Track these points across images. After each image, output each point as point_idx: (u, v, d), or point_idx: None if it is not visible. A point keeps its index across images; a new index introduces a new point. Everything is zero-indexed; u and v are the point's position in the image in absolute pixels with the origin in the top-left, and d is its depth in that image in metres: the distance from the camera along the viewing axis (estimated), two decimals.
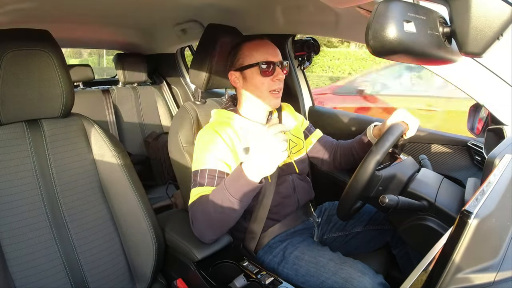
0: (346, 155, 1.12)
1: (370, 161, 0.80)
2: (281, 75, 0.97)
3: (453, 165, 1.15)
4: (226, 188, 0.79)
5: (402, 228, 0.87)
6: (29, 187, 0.83)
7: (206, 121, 1.09)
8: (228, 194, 0.79)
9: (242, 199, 0.79)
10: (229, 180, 0.81)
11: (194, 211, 0.88)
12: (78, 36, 1.92)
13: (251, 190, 0.79)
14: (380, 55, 0.49)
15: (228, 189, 0.79)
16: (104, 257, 0.90)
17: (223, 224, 0.86)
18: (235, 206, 0.80)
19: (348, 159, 1.12)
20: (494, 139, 0.93)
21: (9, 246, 0.79)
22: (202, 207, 0.85)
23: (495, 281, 0.45)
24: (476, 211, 0.43)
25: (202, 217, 0.86)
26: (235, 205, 0.80)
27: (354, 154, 1.09)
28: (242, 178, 0.78)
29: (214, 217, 0.83)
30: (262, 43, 0.99)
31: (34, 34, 0.83)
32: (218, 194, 0.82)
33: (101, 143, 0.93)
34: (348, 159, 1.12)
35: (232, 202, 0.79)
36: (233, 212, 0.82)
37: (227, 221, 0.85)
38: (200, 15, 1.49)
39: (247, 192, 0.79)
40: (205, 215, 0.85)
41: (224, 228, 0.88)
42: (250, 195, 0.80)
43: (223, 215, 0.82)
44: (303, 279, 0.91)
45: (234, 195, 0.79)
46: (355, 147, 1.09)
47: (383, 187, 0.86)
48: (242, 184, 0.78)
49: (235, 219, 0.86)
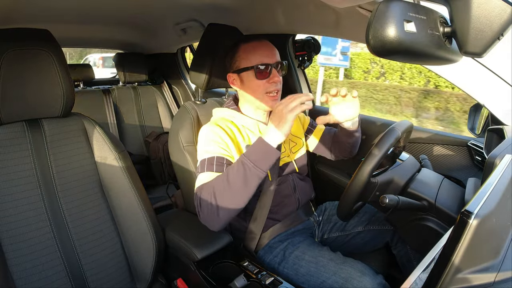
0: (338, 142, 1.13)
1: (365, 169, 0.80)
2: (276, 78, 0.96)
3: (454, 165, 1.15)
4: (246, 156, 0.81)
5: (402, 228, 0.88)
6: (29, 187, 0.83)
7: (206, 120, 1.09)
8: (247, 161, 0.80)
9: (261, 165, 0.81)
10: (249, 150, 0.83)
11: (202, 194, 0.84)
12: (79, 35, 1.92)
13: (268, 155, 0.82)
14: (380, 55, 0.49)
15: (249, 157, 0.81)
16: (104, 257, 0.90)
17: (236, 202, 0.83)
18: (254, 177, 0.81)
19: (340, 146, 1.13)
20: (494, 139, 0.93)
21: (9, 246, 0.79)
22: (213, 187, 0.83)
23: (495, 281, 0.45)
24: (477, 211, 0.43)
25: (215, 196, 0.82)
26: (254, 176, 0.81)
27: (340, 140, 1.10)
28: (260, 143, 0.81)
29: (229, 195, 0.81)
30: (259, 44, 0.98)
31: (35, 34, 0.83)
32: (235, 169, 0.82)
33: (101, 142, 0.93)
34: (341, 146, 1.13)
35: (252, 171, 0.80)
36: (250, 182, 0.81)
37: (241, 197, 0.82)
38: (201, 14, 1.49)
39: (267, 157, 0.81)
40: (218, 194, 0.81)
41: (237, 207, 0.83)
42: (269, 161, 0.82)
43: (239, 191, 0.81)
44: (303, 279, 0.91)
45: (256, 162, 0.80)
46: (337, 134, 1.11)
47: (380, 192, 0.86)
48: (260, 147, 0.81)
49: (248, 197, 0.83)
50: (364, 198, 0.87)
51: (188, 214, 1.13)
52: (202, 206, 0.84)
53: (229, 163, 0.90)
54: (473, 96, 0.98)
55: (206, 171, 0.89)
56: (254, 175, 0.80)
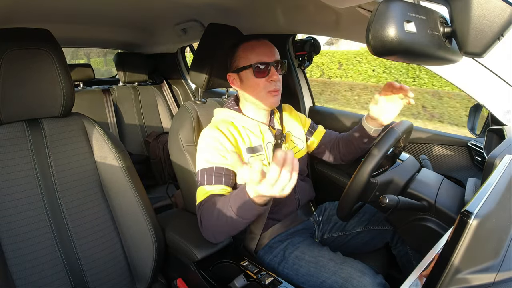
0: (347, 146, 1.12)
1: (364, 169, 0.80)
2: (275, 76, 0.96)
3: (454, 166, 1.15)
4: (232, 209, 0.77)
5: (402, 229, 0.87)
6: (29, 187, 0.83)
7: (206, 120, 1.09)
8: (234, 214, 0.77)
9: (248, 217, 0.78)
10: (234, 201, 0.77)
11: (203, 213, 0.87)
12: (79, 35, 1.92)
13: (257, 211, 0.76)
14: (380, 55, 0.49)
15: (234, 210, 0.77)
16: (104, 257, 0.90)
17: (231, 234, 0.87)
18: (242, 224, 0.80)
19: (350, 150, 1.12)
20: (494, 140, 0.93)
21: (9, 246, 0.79)
22: (211, 214, 0.84)
23: (495, 281, 0.45)
24: (476, 211, 0.43)
25: (211, 222, 0.84)
26: (242, 223, 0.80)
27: (354, 143, 1.09)
28: (247, 202, 0.74)
29: (222, 227, 0.83)
30: (258, 44, 0.98)
31: (35, 33, 0.83)
32: (225, 211, 0.80)
33: (101, 142, 0.93)
34: (350, 150, 1.12)
35: (239, 221, 0.78)
36: (240, 226, 0.82)
37: (235, 231, 0.85)
38: (201, 14, 1.49)
39: (253, 212, 0.77)
40: (214, 223, 0.84)
41: (232, 235, 0.87)
42: (256, 214, 0.78)
43: (230, 228, 0.83)
44: (303, 279, 0.91)
45: (241, 216, 0.77)
46: (354, 136, 1.09)
47: (380, 192, 0.86)
48: (247, 207, 0.75)
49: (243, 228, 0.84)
50: (364, 198, 0.87)
51: (188, 214, 1.13)
52: (203, 224, 0.87)
53: (228, 172, 0.91)
54: (473, 96, 0.98)
55: (205, 184, 0.90)
56: (241, 223, 0.79)
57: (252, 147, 0.98)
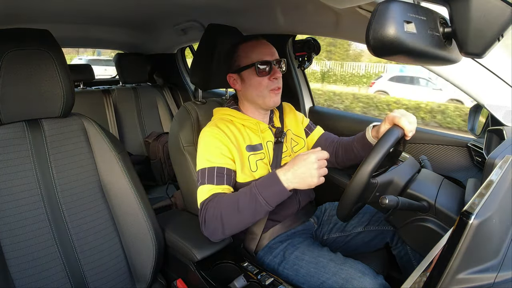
0: (347, 152, 1.12)
1: (364, 170, 0.80)
2: (278, 74, 0.97)
3: (453, 166, 1.15)
4: (260, 193, 0.80)
5: (402, 229, 0.87)
6: (29, 187, 0.83)
7: (206, 121, 1.09)
8: (261, 199, 0.80)
9: (272, 203, 0.81)
10: (262, 186, 0.81)
11: (208, 210, 0.86)
12: (79, 35, 1.92)
13: (283, 196, 0.81)
14: (380, 55, 0.49)
15: (262, 194, 0.80)
16: (104, 257, 0.90)
17: (243, 226, 0.87)
18: (262, 212, 0.82)
19: (349, 156, 1.11)
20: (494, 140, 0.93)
21: (9, 246, 0.79)
22: (222, 208, 0.84)
23: (495, 282, 0.45)
24: (476, 212, 0.43)
25: (222, 218, 0.84)
26: (263, 211, 0.82)
27: (355, 151, 1.09)
28: (278, 185, 0.80)
29: (237, 219, 0.84)
30: (258, 43, 0.99)
31: (35, 34, 0.83)
32: (246, 198, 0.82)
33: (101, 143, 0.93)
34: (349, 156, 1.11)
35: (263, 207, 0.81)
36: (259, 215, 0.83)
37: (249, 223, 0.86)
38: (201, 15, 1.49)
39: (279, 198, 0.81)
40: (227, 216, 0.84)
41: (240, 229, 0.88)
42: (279, 201, 0.82)
43: (247, 218, 0.84)
44: (303, 279, 0.91)
45: (267, 199, 0.80)
46: (355, 145, 1.09)
47: (380, 192, 0.86)
48: (276, 190, 0.80)
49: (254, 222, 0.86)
50: (364, 198, 0.86)
51: (188, 215, 1.13)
52: (207, 223, 0.87)
53: (229, 173, 0.92)
54: (473, 97, 0.98)
55: (207, 184, 0.90)
56: (263, 210, 0.82)
57: (252, 145, 0.99)
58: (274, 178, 0.80)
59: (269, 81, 0.97)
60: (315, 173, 0.78)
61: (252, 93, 0.99)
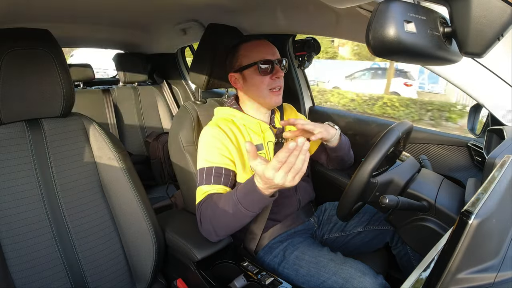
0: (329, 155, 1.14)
1: (364, 170, 0.80)
2: (280, 73, 0.98)
3: (453, 166, 1.15)
4: (239, 201, 0.79)
5: (402, 229, 0.87)
6: (29, 187, 0.83)
7: (206, 121, 1.09)
8: (240, 207, 0.79)
9: (254, 210, 0.80)
10: (241, 193, 0.79)
11: (202, 212, 0.88)
12: (78, 35, 1.92)
13: (264, 203, 0.79)
14: (380, 55, 0.49)
15: (241, 202, 0.79)
16: (104, 257, 0.90)
17: (233, 229, 0.87)
18: (247, 217, 0.81)
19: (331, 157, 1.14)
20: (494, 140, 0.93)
21: (9, 246, 0.79)
22: (212, 211, 0.85)
23: (495, 281, 0.45)
24: (476, 211, 0.43)
25: (212, 220, 0.86)
26: (247, 216, 0.81)
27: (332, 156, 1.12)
28: (255, 193, 0.76)
29: (224, 223, 0.84)
30: (260, 43, 1.00)
31: (35, 34, 0.83)
32: (229, 204, 0.81)
33: (101, 142, 0.93)
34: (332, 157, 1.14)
35: (244, 214, 0.80)
36: (244, 220, 0.83)
37: (238, 227, 0.86)
38: (201, 15, 1.49)
39: (260, 205, 0.80)
40: (215, 219, 0.85)
41: (233, 231, 0.88)
42: (262, 206, 0.81)
43: (234, 223, 0.84)
44: (303, 279, 0.91)
45: (247, 208, 0.79)
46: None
47: (380, 192, 0.86)
48: (255, 198, 0.77)
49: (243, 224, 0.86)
50: (364, 198, 0.86)
51: (188, 214, 1.13)
52: (202, 223, 0.88)
53: (228, 173, 0.92)
54: (473, 96, 0.98)
55: (204, 184, 0.91)
56: (247, 216, 0.81)
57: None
58: (252, 185, 0.76)
59: (270, 80, 0.97)
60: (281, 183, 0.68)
61: (253, 92, 0.99)
